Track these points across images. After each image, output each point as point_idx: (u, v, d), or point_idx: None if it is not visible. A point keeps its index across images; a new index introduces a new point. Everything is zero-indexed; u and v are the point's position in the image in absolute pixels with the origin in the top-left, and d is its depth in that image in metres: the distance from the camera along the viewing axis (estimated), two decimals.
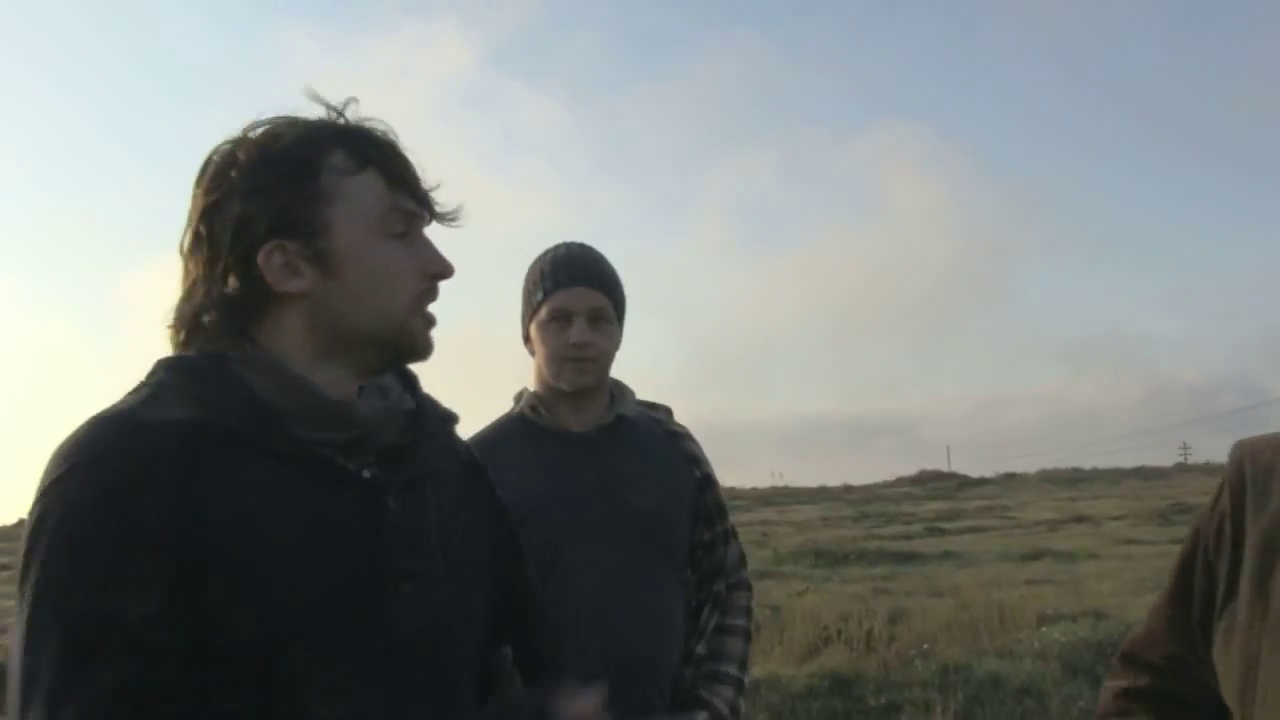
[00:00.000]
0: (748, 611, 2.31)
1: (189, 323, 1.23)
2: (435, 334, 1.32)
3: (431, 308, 1.30)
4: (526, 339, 2.24)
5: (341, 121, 1.26)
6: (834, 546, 17.92)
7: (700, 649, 2.21)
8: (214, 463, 1.13)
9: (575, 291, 2.14)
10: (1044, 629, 8.80)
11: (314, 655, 1.13)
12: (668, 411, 2.41)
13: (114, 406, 1.16)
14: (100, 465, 1.09)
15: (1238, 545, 1.21)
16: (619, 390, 2.28)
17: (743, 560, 2.37)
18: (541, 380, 2.22)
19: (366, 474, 1.23)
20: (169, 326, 1.25)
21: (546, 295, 2.15)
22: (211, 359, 1.20)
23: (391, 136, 1.28)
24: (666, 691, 2.13)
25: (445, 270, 1.29)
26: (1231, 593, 1.20)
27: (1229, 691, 1.19)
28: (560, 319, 2.14)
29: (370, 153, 1.25)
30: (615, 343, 2.21)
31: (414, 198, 1.27)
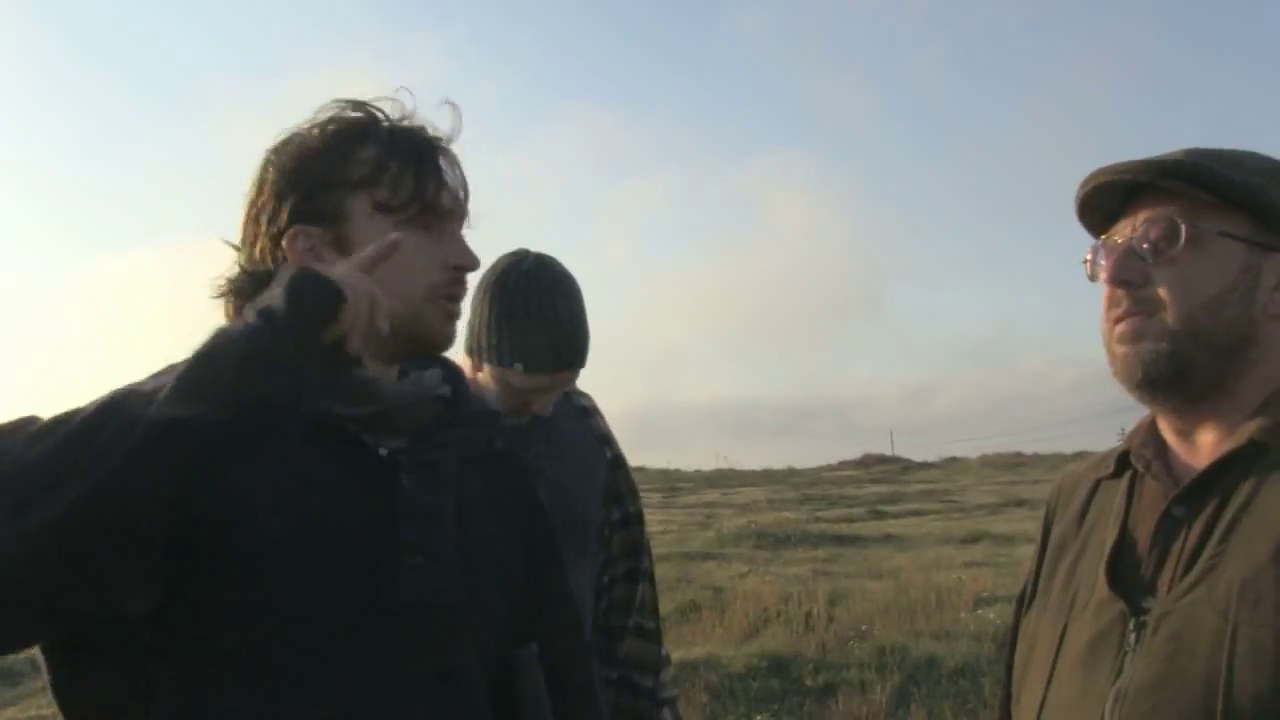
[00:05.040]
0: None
1: (230, 293, 1.32)
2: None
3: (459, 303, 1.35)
4: (473, 349, 2.13)
5: (382, 117, 1.33)
6: (777, 529, 17.99)
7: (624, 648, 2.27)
8: (241, 445, 1.12)
9: (559, 377, 2.10)
10: (980, 611, 8.92)
11: (317, 622, 1.15)
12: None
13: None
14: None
15: (1041, 554, 1.41)
16: None
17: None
18: (471, 375, 2.13)
19: (383, 451, 1.27)
20: (219, 295, 1.34)
21: (525, 369, 2.06)
22: None
23: (429, 135, 1.34)
24: None
25: (468, 262, 1.34)
26: (1034, 594, 1.39)
27: (1015, 676, 1.37)
28: (530, 390, 2.10)
29: (398, 146, 1.30)
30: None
31: (437, 193, 1.31)
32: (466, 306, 1.38)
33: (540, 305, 2.06)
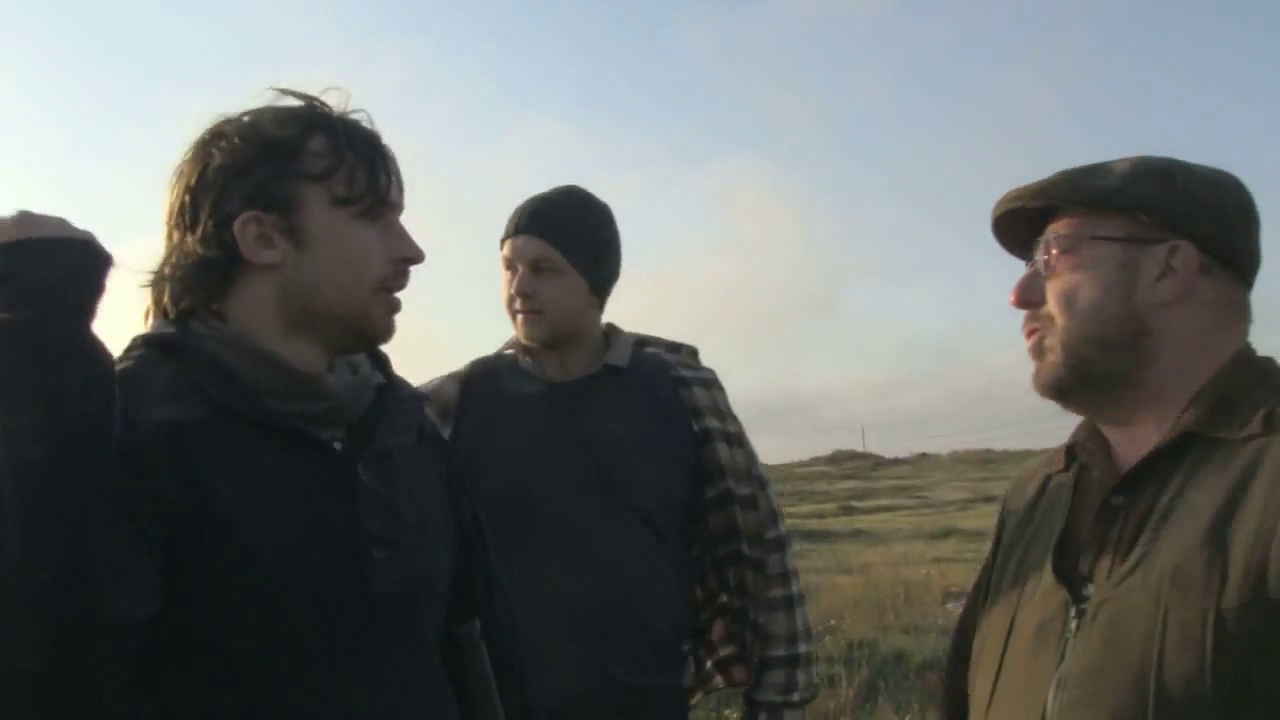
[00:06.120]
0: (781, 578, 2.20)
1: (164, 282, 1.28)
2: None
3: (399, 294, 1.33)
4: None
5: (326, 110, 1.31)
6: None
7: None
8: (196, 451, 1.16)
9: (517, 241, 2.06)
10: (949, 605, 8.97)
11: (312, 621, 1.19)
12: (692, 353, 2.28)
13: None
14: None
15: (995, 550, 1.46)
16: (613, 337, 2.17)
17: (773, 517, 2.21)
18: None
19: (337, 445, 1.28)
20: (144, 286, 1.30)
21: (501, 244, 2.11)
22: (184, 334, 1.23)
23: (373, 127, 1.32)
24: (653, 645, 2.07)
25: (415, 255, 1.33)
26: (988, 589, 1.43)
27: (971, 667, 1.39)
28: (508, 268, 2.09)
29: (350, 139, 1.29)
30: (570, 294, 2.06)
31: (388, 186, 1.31)
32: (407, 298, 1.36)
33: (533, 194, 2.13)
